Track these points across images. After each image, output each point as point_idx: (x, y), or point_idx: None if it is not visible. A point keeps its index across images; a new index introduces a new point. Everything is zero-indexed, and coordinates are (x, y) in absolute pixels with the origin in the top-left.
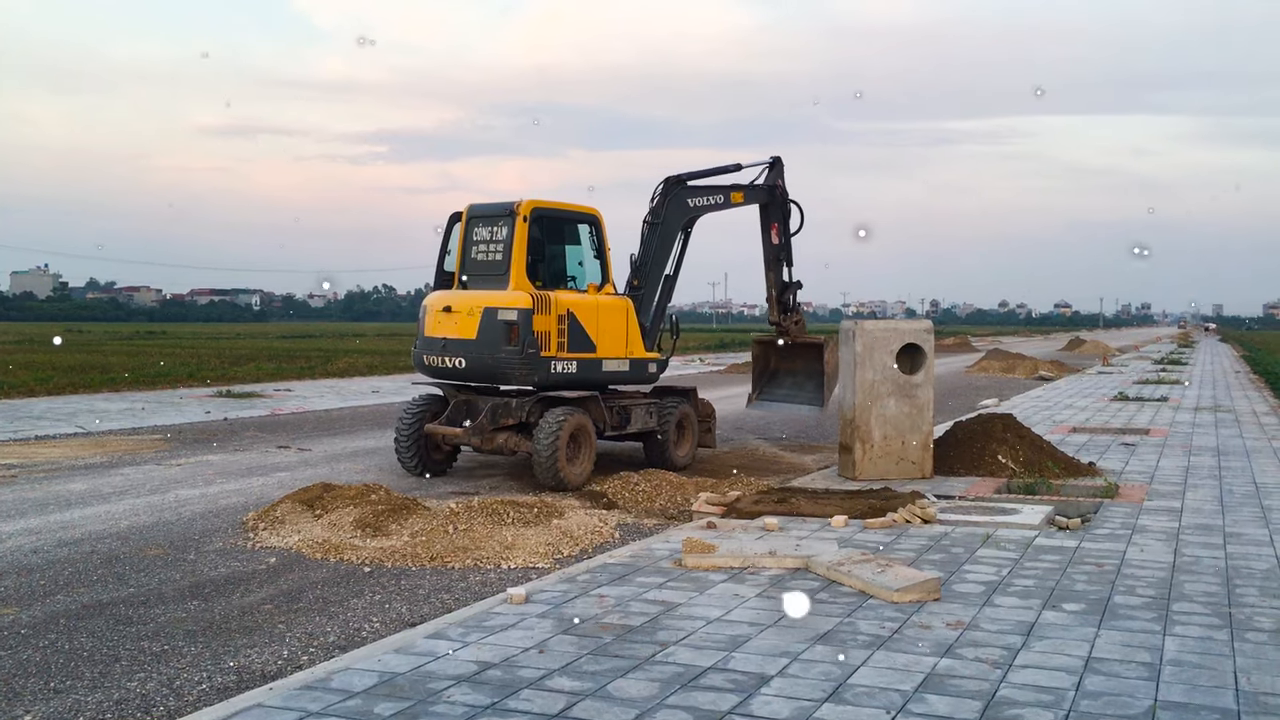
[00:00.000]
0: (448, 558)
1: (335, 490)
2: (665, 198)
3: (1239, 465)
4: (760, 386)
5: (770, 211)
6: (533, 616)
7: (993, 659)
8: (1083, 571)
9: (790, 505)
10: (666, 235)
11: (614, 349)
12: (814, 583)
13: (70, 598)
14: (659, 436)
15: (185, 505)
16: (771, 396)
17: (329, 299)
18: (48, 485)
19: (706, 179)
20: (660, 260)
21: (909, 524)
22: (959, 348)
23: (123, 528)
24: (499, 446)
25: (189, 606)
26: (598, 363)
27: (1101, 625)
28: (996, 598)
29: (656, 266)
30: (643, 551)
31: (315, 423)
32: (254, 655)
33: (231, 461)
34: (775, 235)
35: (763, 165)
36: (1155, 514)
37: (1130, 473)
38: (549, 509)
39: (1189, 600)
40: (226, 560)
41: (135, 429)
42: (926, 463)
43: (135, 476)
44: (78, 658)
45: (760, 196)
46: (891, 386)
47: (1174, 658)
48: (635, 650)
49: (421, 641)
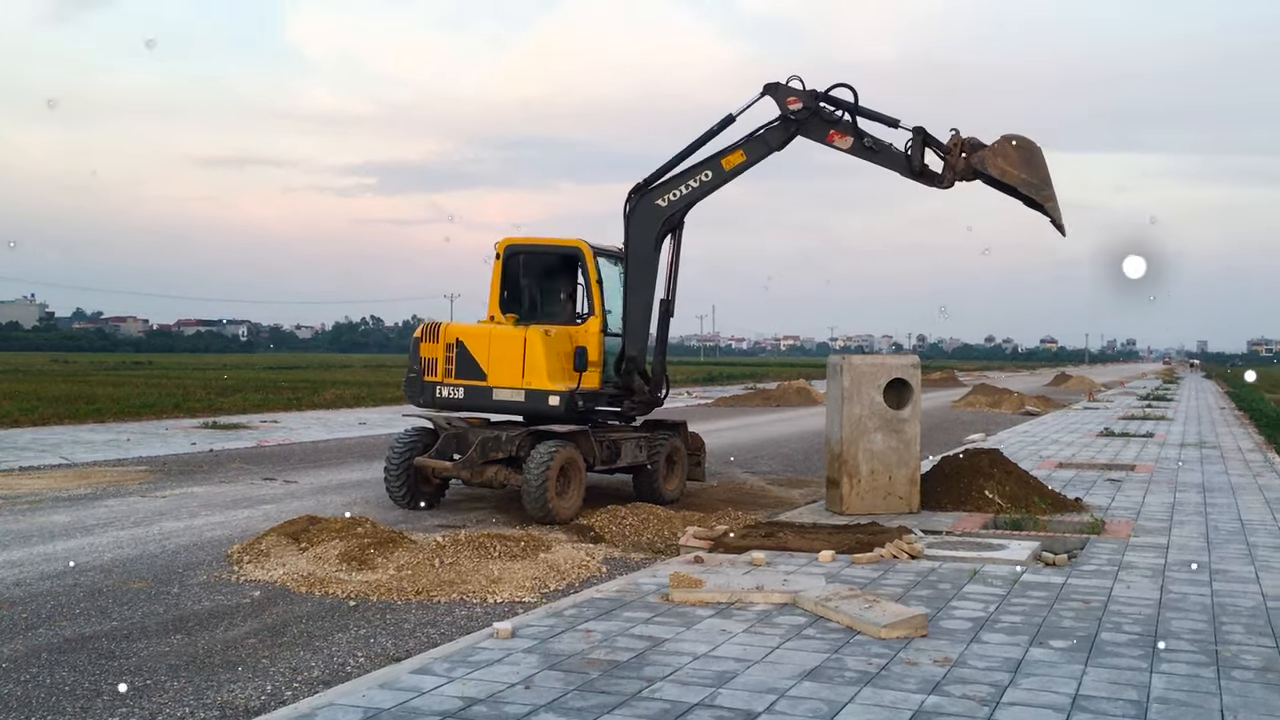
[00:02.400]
0: (434, 592)
1: (321, 523)
2: (629, 215)
3: (1224, 502)
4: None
5: (812, 129)
6: (519, 651)
7: (980, 696)
8: (1070, 608)
9: (778, 540)
10: (638, 256)
11: (507, 379)
12: (801, 618)
13: (52, 631)
14: (649, 470)
15: (170, 538)
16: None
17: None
18: (31, 517)
19: (681, 164)
20: (639, 285)
21: (896, 559)
22: (946, 382)
23: (106, 560)
24: (488, 480)
25: (172, 640)
26: (487, 390)
27: (1089, 662)
28: (984, 634)
29: (634, 293)
30: (630, 586)
31: (301, 454)
32: (237, 690)
33: (217, 493)
34: (839, 139)
35: (754, 99)
36: (1141, 550)
37: (1116, 509)
38: (536, 543)
39: (1176, 637)
40: (210, 593)
41: (120, 460)
42: (914, 498)
43: (119, 508)
44: (59, 692)
45: (776, 139)
46: (879, 421)
47: (1161, 695)
48: (622, 686)
49: (406, 677)
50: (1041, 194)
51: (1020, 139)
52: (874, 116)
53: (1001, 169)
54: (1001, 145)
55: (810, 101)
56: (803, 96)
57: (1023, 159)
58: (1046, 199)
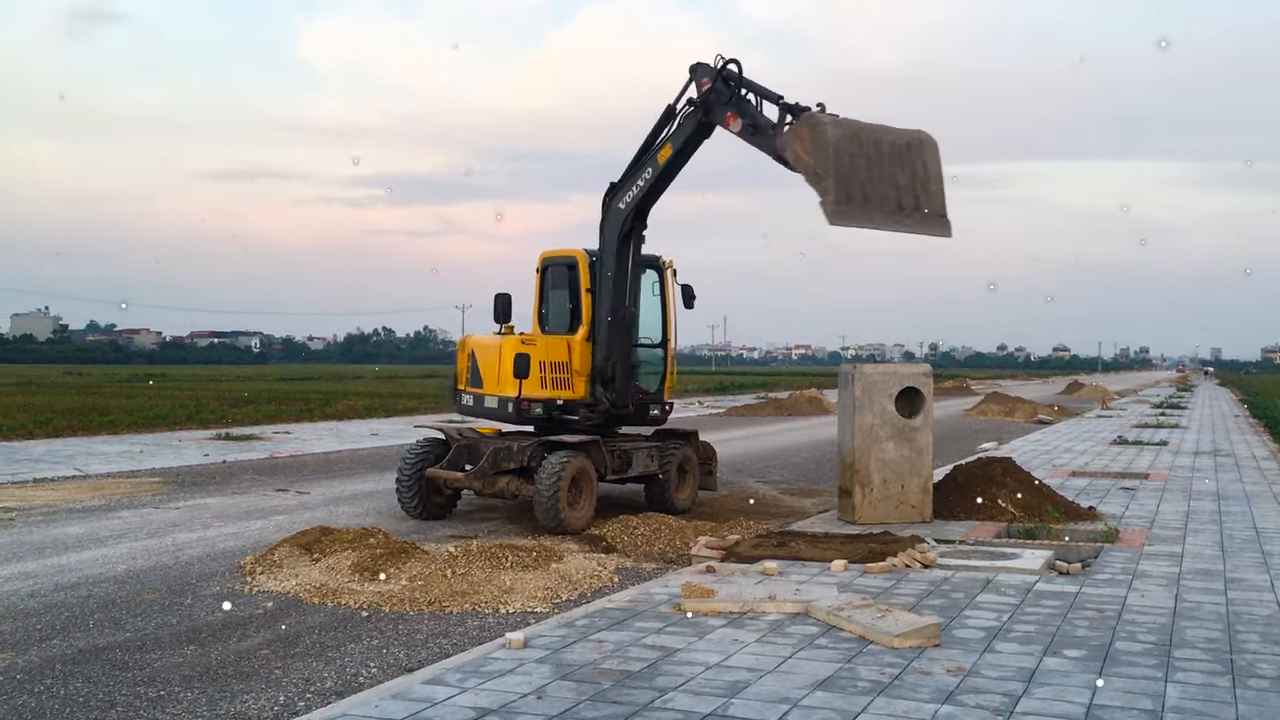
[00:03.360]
0: (446, 602)
1: (333, 534)
2: (602, 220)
3: (1239, 510)
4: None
5: (715, 111)
6: (531, 662)
7: (994, 706)
8: (1084, 617)
9: (790, 549)
10: (608, 263)
11: (493, 386)
12: (814, 628)
13: (66, 642)
14: (660, 479)
15: (183, 549)
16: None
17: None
18: (45, 528)
19: (636, 162)
20: (604, 293)
21: (909, 569)
22: (957, 391)
23: (120, 572)
24: (500, 490)
25: (186, 651)
26: (483, 398)
27: (1103, 672)
28: (997, 644)
29: (600, 305)
30: (641, 596)
31: (314, 465)
32: (250, 701)
33: (229, 505)
34: (732, 121)
35: (684, 85)
36: (1156, 559)
37: (1130, 517)
38: (548, 553)
39: (1190, 646)
40: (224, 604)
41: (133, 472)
42: (926, 506)
43: (133, 520)
44: (73, 703)
45: (690, 125)
46: (890, 430)
47: (1176, 705)
48: (634, 696)
49: (419, 687)
50: (821, 184)
51: (820, 118)
52: (762, 93)
53: (795, 154)
54: (798, 126)
55: (716, 80)
56: (710, 76)
57: (816, 142)
58: (824, 191)
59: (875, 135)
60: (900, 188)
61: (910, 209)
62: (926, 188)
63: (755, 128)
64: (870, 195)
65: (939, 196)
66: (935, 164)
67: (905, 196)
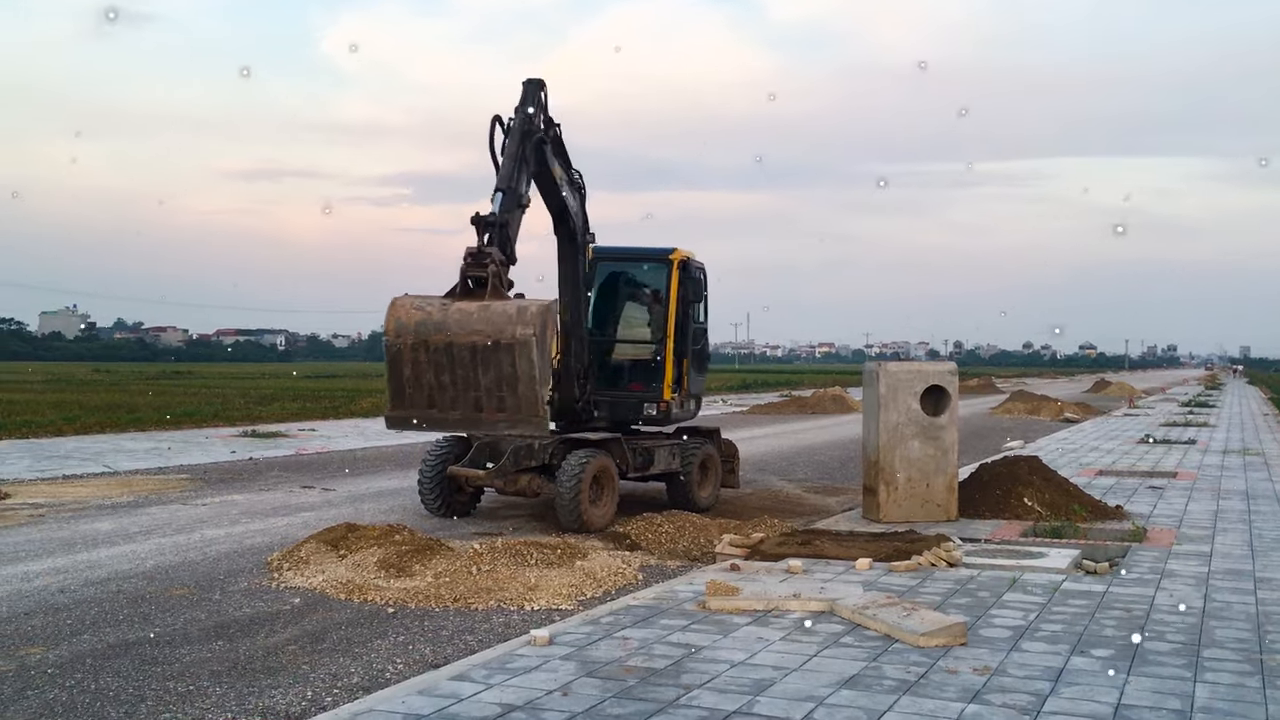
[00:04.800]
0: (471, 599)
1: (359, 530)
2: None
3: (1269, 509)
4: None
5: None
6: (556, 659)
7: (1021, 705)
8: (1111, 616)
9: (814, 547)
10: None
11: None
12: (839, 626)
13: (96, 637)
14: (682, 478)
15: (210, 545)
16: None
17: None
18: (75, 524)
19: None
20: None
21: (934, 567)
22: (983, 389)
23: (148, 567)
24: (522, 488)
25: (214, 647)
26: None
27: (1131, 671)
28: (1024, 643)
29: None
30: (666, 593)
31: (339, 463)
32: (278, 696)
33: (256, 501)
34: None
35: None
36: (1184, 558)
37: (1158, 516)
38: (572, 550)
39: (1219, 646)
40: (251, 600)
41: (161, 469)
42: (951, 505)
43: (161, 516)
44: (104, 698)
45: (530, 156)
46: (915, 428)
47: (1205, 705)
48: (659, 693)
49: (445, 683)
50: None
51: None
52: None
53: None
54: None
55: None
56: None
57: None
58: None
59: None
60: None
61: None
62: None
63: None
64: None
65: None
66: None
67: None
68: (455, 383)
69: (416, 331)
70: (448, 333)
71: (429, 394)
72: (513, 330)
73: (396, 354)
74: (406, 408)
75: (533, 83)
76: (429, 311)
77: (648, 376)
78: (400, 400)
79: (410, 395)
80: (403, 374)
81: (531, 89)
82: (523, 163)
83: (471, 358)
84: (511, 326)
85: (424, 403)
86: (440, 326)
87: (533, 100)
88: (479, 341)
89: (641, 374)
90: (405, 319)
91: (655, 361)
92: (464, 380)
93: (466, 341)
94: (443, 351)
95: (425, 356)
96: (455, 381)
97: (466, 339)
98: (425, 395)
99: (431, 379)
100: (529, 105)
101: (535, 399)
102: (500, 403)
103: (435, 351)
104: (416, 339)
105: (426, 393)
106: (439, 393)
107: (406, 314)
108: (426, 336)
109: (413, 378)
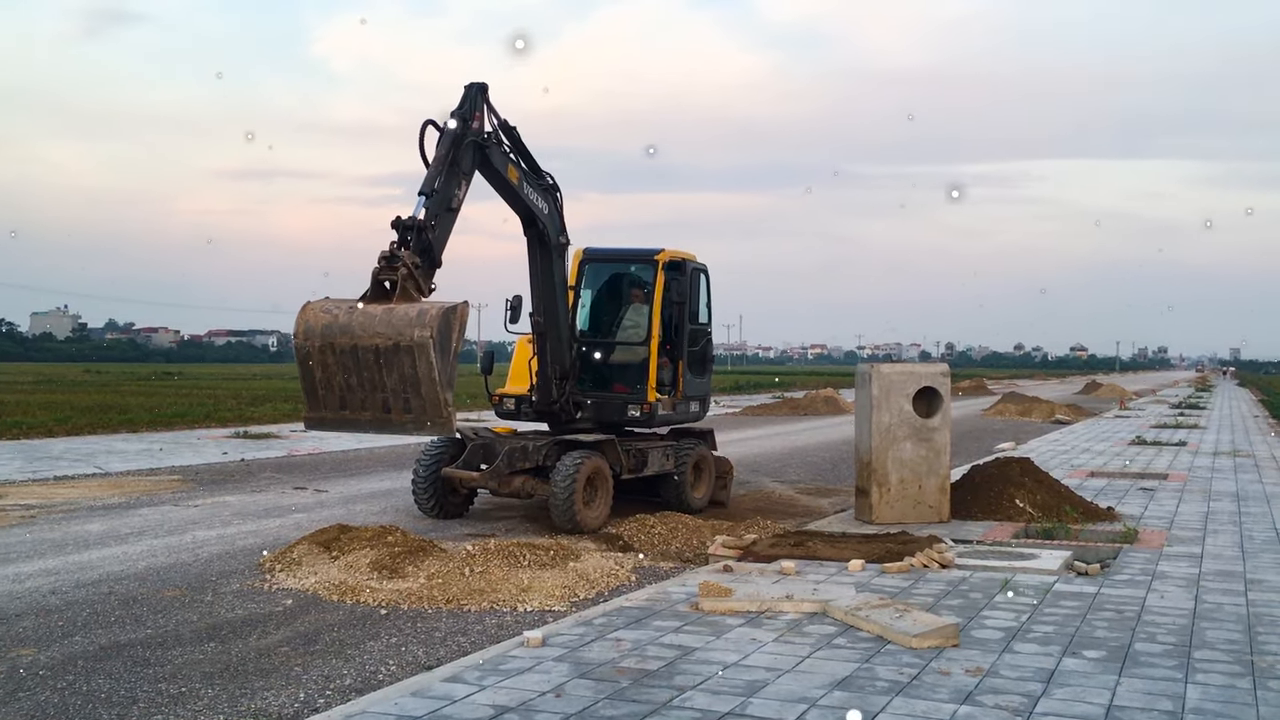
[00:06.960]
0: (464, 600)
1: (352, 532)
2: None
3: (1259, 511)
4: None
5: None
6: (549, 660)
7: (1013, 707)
8: (1103, 618)
9: (807, 549)
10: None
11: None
12: (831, 627)
13: (88, 639)
14: (675, 479)
15: (202, 546)
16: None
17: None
18: (66, 526)
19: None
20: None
21: (927, 568)
22: (975, 391)
23: (140, 569)
24: (516, 490)
25: (206, 648)
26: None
27: (1122, 673)
28: (1016, 644)
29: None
30: (659, 595)
31: (332, 464)
32: (270, 698)
33: (248, 502)
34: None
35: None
36: (1175, 560)
37: (1149, 518)
38: (565, 552)
39: (1211, 648)
40: (243, 602)
41: (153, 470)
42: (944, 506)
43: (153, 517)
44: (95, 700)
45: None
46: (908, 430)
47: (1196, 706)
48: (652, 695)
49: (438, 685)
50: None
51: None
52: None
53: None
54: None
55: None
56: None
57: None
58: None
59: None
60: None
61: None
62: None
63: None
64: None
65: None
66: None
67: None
68: (363, 385)
69: (323, 334)
70: (352, 335)
71: (340, 396)
72: (411, 333)
73: (305, 356)
74: (321, 409)
75: (473, 86)
76: (335, 315)
77: (633, 378)
78: (315, 402)
79: (323, 397)
80: (314, 376)
81: (471, 93)
82: (453, 166)
83: (375, 360)
84: (411, 329)
85: (336, 404)
86: (345, 329)
87: (471, 104)
88: (381, 344)
89: (627, 375)
90: (314, 322)
91: (642, 363)
92: (370, 382)
93: (370, 344)
94: (349, 354)
95: (333, 359)
96: (363, 384)
97: (370, 341)
98: (338, 397)
99: (341, 381)
100: (463, 109)
101: (439, 401)
102: (406, 404)
103: (342, 354)
104: (323, 341)
105: (339, 394)
106: (349, 394)
107: (315, 317)
108: (332, 339)
109: (324, 380)
